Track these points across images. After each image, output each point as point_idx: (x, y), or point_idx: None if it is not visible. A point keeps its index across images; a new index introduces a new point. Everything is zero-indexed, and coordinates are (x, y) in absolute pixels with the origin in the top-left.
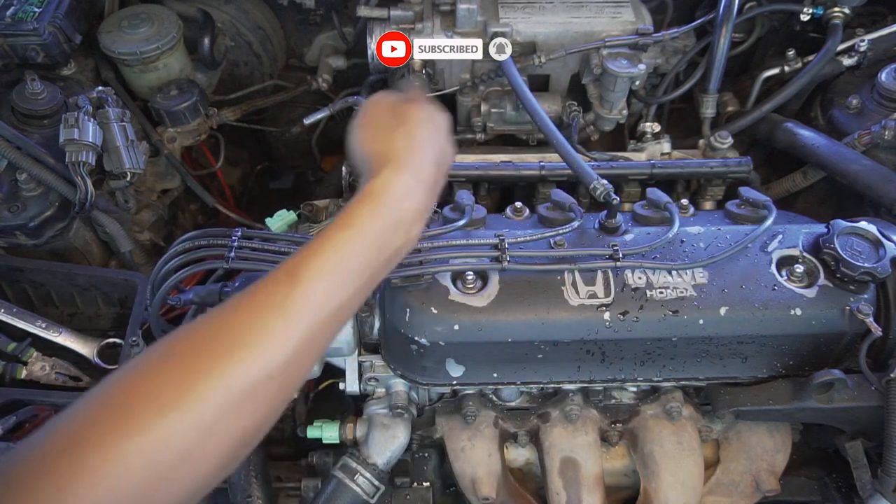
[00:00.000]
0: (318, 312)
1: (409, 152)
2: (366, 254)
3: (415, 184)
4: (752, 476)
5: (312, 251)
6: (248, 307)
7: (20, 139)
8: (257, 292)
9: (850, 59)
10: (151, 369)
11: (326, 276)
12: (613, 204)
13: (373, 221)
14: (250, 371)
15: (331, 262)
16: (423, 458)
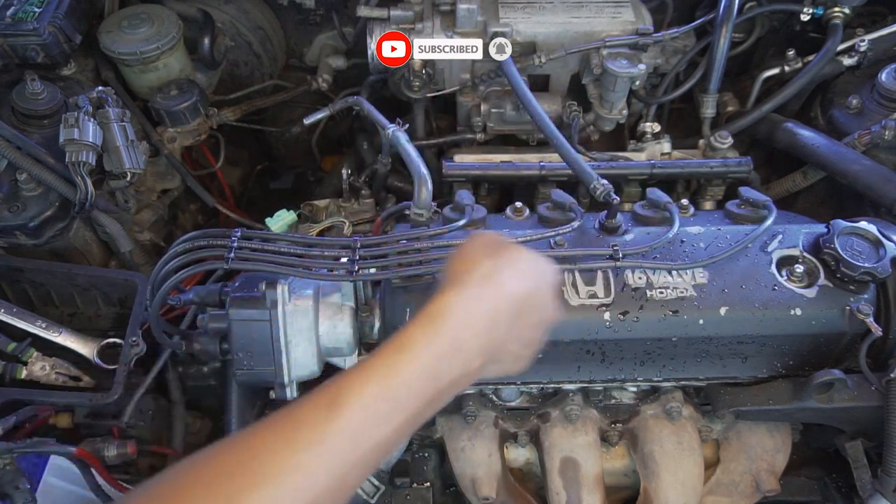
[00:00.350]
0: (357, 448)
1: (486, 278)
2: (418, 383)
3: (482, 311)
4: (752, 476)
5: (358, 375)
6: (282, 433)
7: (20, 139)
8: (295, 417)
9: (850, 59)
10: (178, 494)
11: (371, 407)
12: (613, 204)
13: (428, 346)
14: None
15: (377, 389)
16: (423, 458)
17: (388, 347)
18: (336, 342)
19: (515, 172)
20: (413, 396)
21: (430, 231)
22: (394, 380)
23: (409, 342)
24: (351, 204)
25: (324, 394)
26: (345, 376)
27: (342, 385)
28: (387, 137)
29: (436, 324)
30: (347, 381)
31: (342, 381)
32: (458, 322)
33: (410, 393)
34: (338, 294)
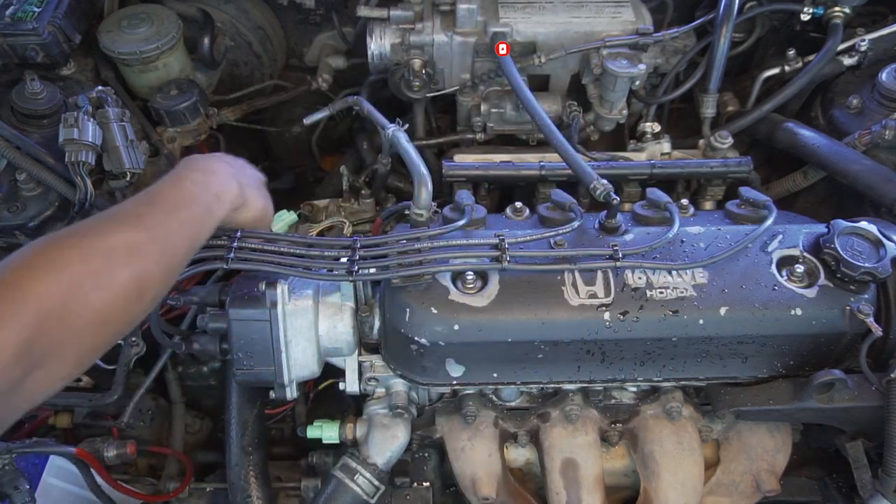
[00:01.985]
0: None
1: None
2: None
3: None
4: (753, 476)
5: (152, 212)
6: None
7: (20, 139)
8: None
9: (851, 58)
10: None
11: (161, 237)
12: (613, 204)
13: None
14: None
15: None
16: (423, 458)
17: (157, 206)
18: (336, 342)
19: (515, 172)
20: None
21: (430, 231)
22: (172, 220)
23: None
24: (351, 204)
25: (132, 214)
26: (148, 204)
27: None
28: (387, 137)
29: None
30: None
31: (146, 209)
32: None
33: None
34: (338, 294)
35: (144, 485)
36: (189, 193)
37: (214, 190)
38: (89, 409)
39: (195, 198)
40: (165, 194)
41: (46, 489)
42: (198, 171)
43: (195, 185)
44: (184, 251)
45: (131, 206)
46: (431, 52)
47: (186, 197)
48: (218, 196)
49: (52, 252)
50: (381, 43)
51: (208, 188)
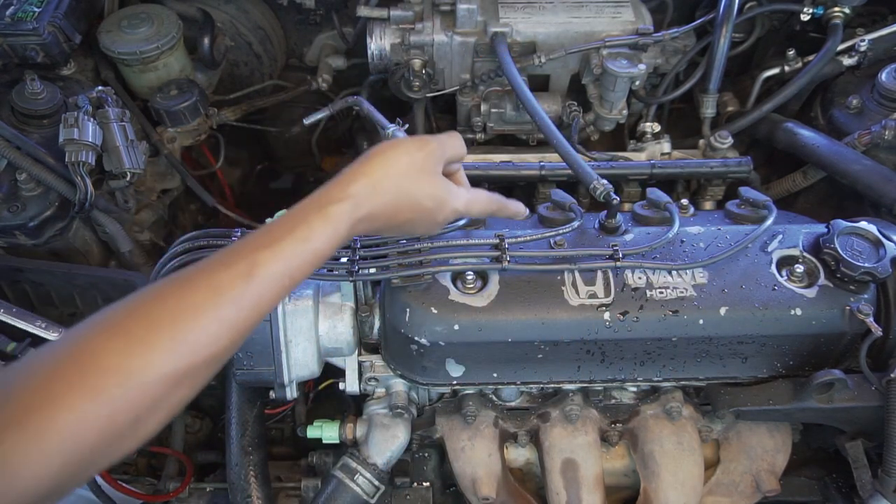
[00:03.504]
0: (259, 313)
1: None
2: (312, 260)
3: (363, 216)
4: (753, 476)
5: (273, 251)
6: (206, 288)
7: (20, 139)
8: (215, 281)
9: (851, 58)
10: (103, 336)
11: (279, 276)
12: (613, 204)
13: (328, 242)
14: (198, 353)
15: (285, 268)
16: (423, 458)
17: (295, 230)
18: (336, 342)
19: (515, 172)
20: (308, 268)
21: None
22: (297, 258)
23: (310, 229)
24: None
25: (242, 263)
26: (258, 249)
27: (258, 258)
28: (387, 137)
29: (329, 219)
30: (262, 255)
31: (257, 255)
32: (354, 219)
33: (308, 268)
34: (338, 294)
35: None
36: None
37: (358, 216)
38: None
39: (319, 244)
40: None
41: None
42: (357, 188)
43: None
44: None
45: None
46: (431, 52)
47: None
48: (354, 223)
49: (89, 372)
50: (381, 43)
51: (351, 214)
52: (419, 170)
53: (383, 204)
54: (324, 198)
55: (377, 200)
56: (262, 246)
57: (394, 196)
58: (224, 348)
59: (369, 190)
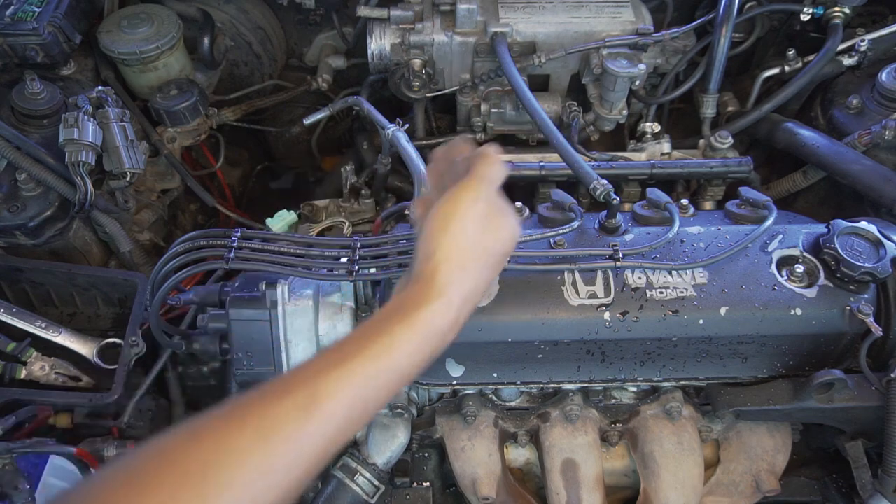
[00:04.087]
0: (331, 446)
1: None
2: (395, 381)
3: (460, 305)
4: (752, 476)
5: (339, 374)
6: (256, 430)
7: (20, 139)
8: (271, 414)
9: (851, 58)
10: (144, 492)
11: (349, 409)
12: (613, 204)
13: (409, 351)
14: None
15: (356, 391)
16: (423, 458)
17: (369, 347)
18: (328, 339)
19: (515, 172)
20: (388, 393)
21: None
22: (373, 381)
23: (392, 346)
24: (351, 204)
25: (300, 391)
26: (322, 372)
27: (320, 384)
28: (387, 137)
29: (418, 328)
30: (325, 379)
31: (320, 380)
32: (439, 326)
33: (388, 392)
34: (338, 294)
35: None
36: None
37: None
38: (89, 409)
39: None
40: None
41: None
42: (452, 292)
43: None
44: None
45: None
46: (431, 52)
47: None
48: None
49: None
50: (381, 43)
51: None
52: (489, 221)
53: (474, 281)
54: (408, 301)
55: (468, 283)
56: (328, 367)
57: (482, 265)
58: (287, 489)
59: (457, 275)
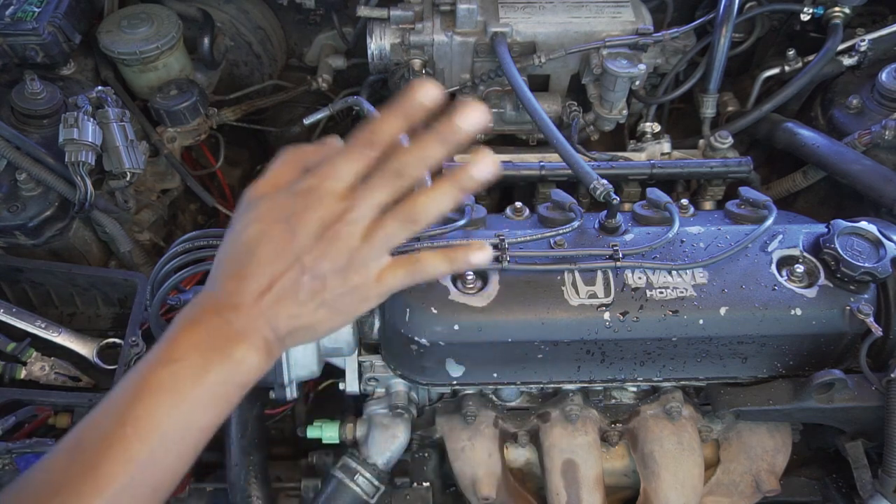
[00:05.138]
0: (163, 470)
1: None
2: (209, 399)
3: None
4: (752, 476)
5: (147, 404)
6: (84, 471)
7: (20, 139)
8: (94, 460)
9: (851, 58)
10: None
11: (169, 434)
12: (613, 204)
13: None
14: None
15: (171, 416)
16: (423, 458)
17: (165, 370)
18: (336, 342)
19: (515, 172)
20: (207, 408)
21: (430, 231)
22: (184, 404)
23: (180, 384)
24: None
25: (116, 429)
26: (133, 402)
27: (139, 418)
28: None
29: (213, 360)
30: (140, 410)
31: (135, 412)
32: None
33: (205, 408)
34: None
35: None
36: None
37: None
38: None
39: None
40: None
41: None
42: (220, 306)
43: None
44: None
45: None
46: (431, 52)
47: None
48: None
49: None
50: (381, 43)
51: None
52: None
53: (303, 317)
54: (209, 342)
55: (292, 321)
56: (138, 397)
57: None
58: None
59: (274, 314)
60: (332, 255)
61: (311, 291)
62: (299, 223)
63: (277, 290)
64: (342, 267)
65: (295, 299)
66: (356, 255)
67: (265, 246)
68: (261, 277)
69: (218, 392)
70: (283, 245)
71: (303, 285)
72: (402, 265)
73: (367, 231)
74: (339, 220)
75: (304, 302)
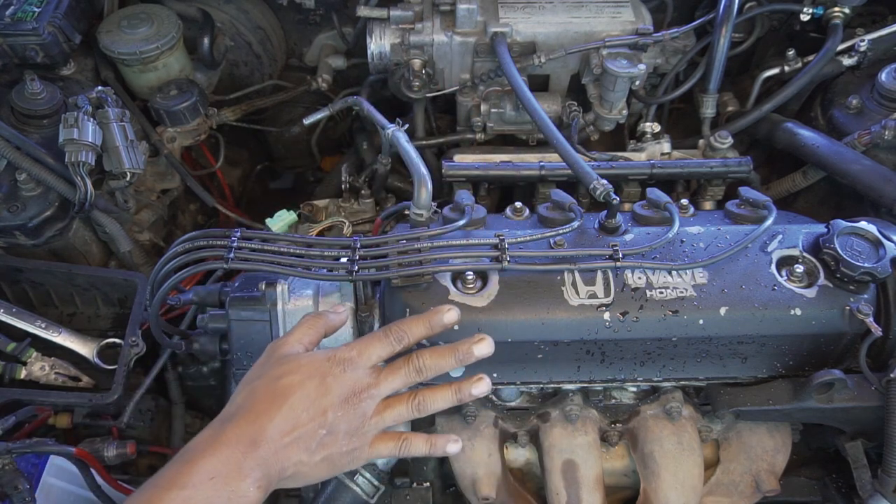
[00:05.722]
0: None
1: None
2: None
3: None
4: (752, 476)
5: None
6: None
7: (20, 139)
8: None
9: (850, 59)
10: None
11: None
12: (613, 204)
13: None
14: None
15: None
16: (422, 458)
17: (179, 494)
18: (336, 342)
19: (515, 172)
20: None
21: (430, 231)
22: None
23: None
24: (351, 204)
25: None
26: None
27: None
28: (386, 137)
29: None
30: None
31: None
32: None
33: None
34: (337, 294)
35: None
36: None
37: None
38: (89, 409)
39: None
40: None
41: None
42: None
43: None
44: None
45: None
46: (431, 52)
47: None
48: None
49: None
50: (380, 43)
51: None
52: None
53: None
54: (226, 466)
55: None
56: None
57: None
58: None
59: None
60: (350, 418)
61: (322, 445)
62: (335, 383)
63: (297, 436)
64: (353, 430)
65: (307, 448)
66: (366, 424)
67: (299, 394)
68: (288, 420)
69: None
70: (315, 398)
71: (318, 438)
72: (391, 439)
73: (380, 407)
74: (364, 391)
75: (314, 452)
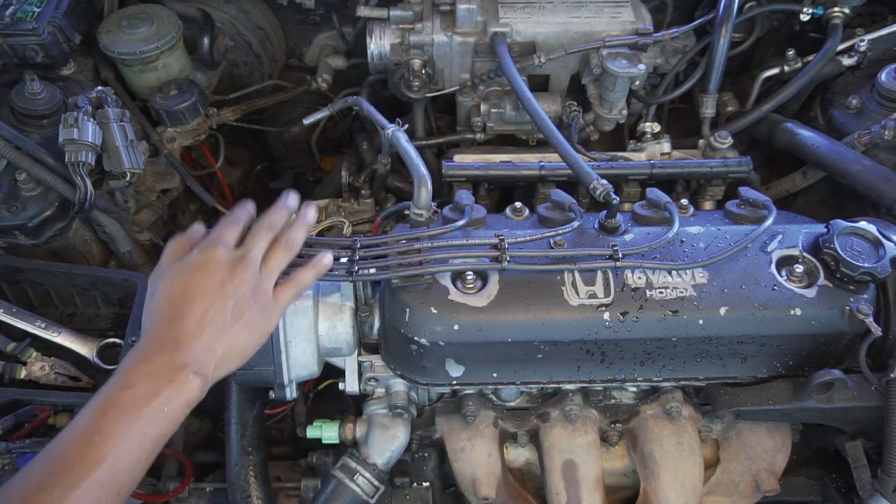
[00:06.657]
0: (122, 478)
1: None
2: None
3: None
4: (752, 476)
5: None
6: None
7: (20, 139)
8: (66, 479)
9: (850, 59)
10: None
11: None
12: (613, 204)
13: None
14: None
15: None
16: (423, 458)
17: (123, 394)
18: (336, 342)
19: (515, 172)
20: (158, 423)
21: (430, 231)
22: (140, 420)
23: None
24: (351, 204)
25: (86, 439)
26: (99, 418)
27: (104, 431)
28: (386, 137)
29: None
30: (104, 425)
31: (100, 426)
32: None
33: (157, 423)
34: (338, 294)
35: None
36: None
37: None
38: None
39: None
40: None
41: None
42: (155, 354)
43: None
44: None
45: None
46: (431, 52)
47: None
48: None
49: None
50: (380, 43)
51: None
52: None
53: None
54: (154, 377)
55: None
56: (98, 419)
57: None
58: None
59: (207, 350)
60: (246, 280)
61: (235, 314)
62: (215, 264)
63: (210, 317)
64: (254, 289)
65: (224, 324)
66: (261, 280)
67: (192, 289)
68: (196, 312)
69: (166, 410)
70: (210, 283)
71: (229, 311)
72: (288, 284)
73: (263, 264)
74: (242, 257)
75: (231, 325)
